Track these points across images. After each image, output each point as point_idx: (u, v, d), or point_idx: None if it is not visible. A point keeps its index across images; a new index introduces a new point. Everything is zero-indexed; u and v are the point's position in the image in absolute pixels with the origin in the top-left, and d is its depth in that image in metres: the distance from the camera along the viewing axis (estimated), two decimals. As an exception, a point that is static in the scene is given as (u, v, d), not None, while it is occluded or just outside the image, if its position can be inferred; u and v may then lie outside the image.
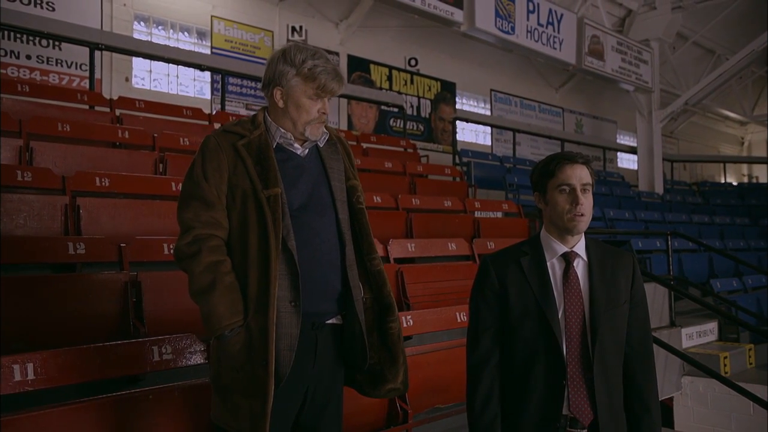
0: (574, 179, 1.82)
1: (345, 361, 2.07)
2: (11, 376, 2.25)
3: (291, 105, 1.96)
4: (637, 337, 1.86)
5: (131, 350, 2.56)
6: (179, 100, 8.44)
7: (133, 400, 2.37)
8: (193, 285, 1.88)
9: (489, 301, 1.89)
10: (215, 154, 1.93)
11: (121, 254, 3.36)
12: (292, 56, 1.95)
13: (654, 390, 1.87)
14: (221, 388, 1.91)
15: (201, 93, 9.36)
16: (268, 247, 1.84)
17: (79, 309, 3.03)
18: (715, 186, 16.95)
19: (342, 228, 2.01)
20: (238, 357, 1.85)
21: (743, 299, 6.70)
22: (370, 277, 2.08)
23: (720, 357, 5.31)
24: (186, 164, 5.31)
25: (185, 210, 1.92)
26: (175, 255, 1.94)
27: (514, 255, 1.91)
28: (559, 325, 1.79)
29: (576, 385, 1.78)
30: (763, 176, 22.01)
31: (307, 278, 1.90)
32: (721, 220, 11.64)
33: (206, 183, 1.91)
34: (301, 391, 1.95)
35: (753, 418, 4.77)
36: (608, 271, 1.85)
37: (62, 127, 4.64)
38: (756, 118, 19.43)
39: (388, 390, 2.09)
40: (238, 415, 1.86)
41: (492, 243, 5.65)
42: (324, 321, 1.98)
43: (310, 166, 2.02)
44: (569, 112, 16.21)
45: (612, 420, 1.79)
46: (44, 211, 3.71)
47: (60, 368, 2.36)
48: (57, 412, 2.21)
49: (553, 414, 1.78)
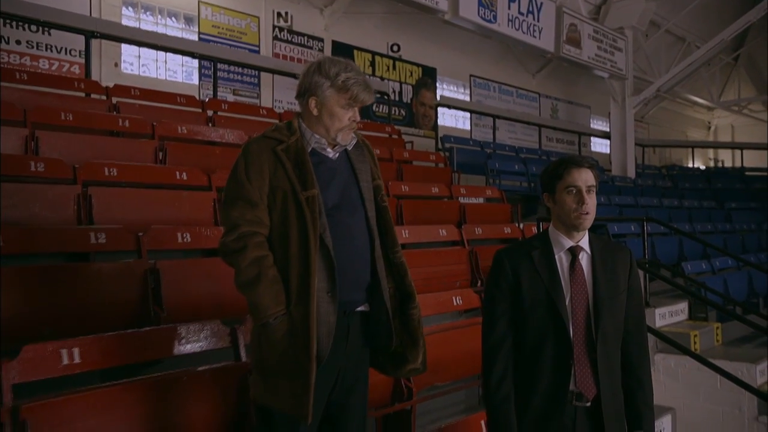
0: (580, 181, 2.05)
1: (371, 344, 2.30)
2: (60, 361, 2.43)
3: (325, 113, 2.16)
4: (633, 321, 2.11)
5: (165, 335, 2.75)
6: (168, 85, 8.49)
7: (169, 381, 2.55)
8: (240, 278, 2.07)
9: (503, 290, 2.12)
10: (257, 158, 2.12)
11: (139, 243, 3.52)
12: (327, 69, 2.14)
13: (647, 368, 2.13)
14: (263, 370, 2.11)
15: (189, 78, 9.40)
16: (308, 244, 2.04)
17: (102, 296, 3.20)
18: (684, 170, 17.52)
19: (371, 225, 2.22)
20: (281, 342, 2.05)
21: (711, 280, 7.10)
22: (392, 268, 2.29)
23: (690, 335, 5.64)
24: (185, 153, 5.46)
25: (231, 209, 2.10)
26: (221, 250, 2.13)
27: (526, 249, 2.15)
28: (566, 311, 2.03)
29: (581, 364, 2.02)
30: (728, 160, 22.74)
31: (342, 271, 2.10)
32: (690, 204, 12.09)
33: (250, 184, 2.10)
34: (335, 372, 2.17)
35: (719, 391, 5.12)
36: (609, 263, 2.10)
37: (65, 116, 4.73)
38: (723, 104, 20.03)
39: (409, 370, 2.32)
40: (279, 395, 2.06)
41: (479, 229, 5.91)
42: (354, 309, 2.20)
43: (341, 168, 2.23)
44: (545, 98, 16.54)
45: (612, 395, 2.04)
46: (57, 200, 3.84)
47: (103, 352, 2.55)
48: (103, 392, 2.39)
49: (561, 389, 2.02)
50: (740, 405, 4.99)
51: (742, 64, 21.57)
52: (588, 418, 2.03)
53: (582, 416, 2.03)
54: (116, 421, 2.36)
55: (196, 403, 2.60)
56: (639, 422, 2.09)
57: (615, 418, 2.04)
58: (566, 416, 2.02)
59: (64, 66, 7.75)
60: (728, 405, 5.05)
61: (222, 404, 2.69)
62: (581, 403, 2.02)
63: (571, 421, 2.03)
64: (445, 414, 3.87)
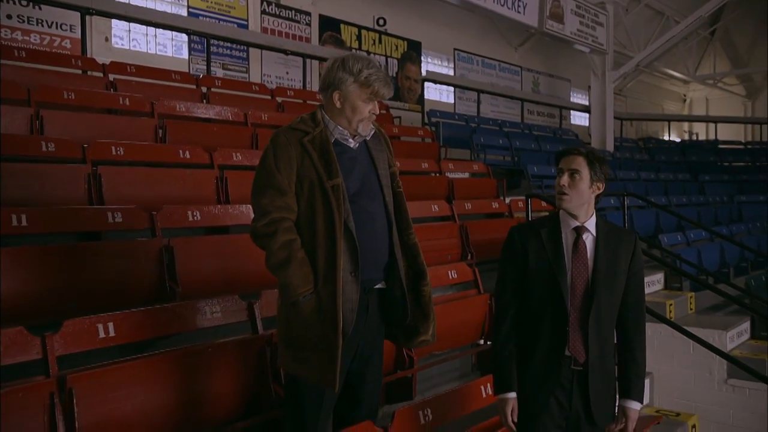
0: (563, 164, 2.30)
1: (386, 318, 2.51)
2: (97, 334, 2.61)
3: (347, 106, 2.33)
4: (632, 301, 2.34)
5: (189, 309, 2.95)
6: (158, 60, 8.47)
7: (197, 352, 2.76)
8: (271, 259, 2.26)
9: (513, 263, 2.36)
10: (285, 148, 2.30)
11: (153, 222, 3.67)
12: (351, 65, 2.30)
13: (641, 344, 2.36)
14: (291, 344, 2.31)
15: (179, 53, 9.36)
16: (334, 229, 2.24)
17: (121, 272, 3.36)
18: (660, 143, 17.91)
19: (388, 209, 2.42)
20: (309, 318, 2.25)
21: (686, 252, 7.45)
22: (407, 248, 2.50)
23: (666, 304, 5.96)
24: (184, 131, 5.56)
25: (262, 196, 2.28)
26: (253, 234, 2.31)
27: (536, 226, 2.39)
28: (566, 285, 2.27)
29: (575, 332, 2.27)
30: (702, 133, 23.25)
31: (363, 252, 2.30)
32: (666, 177, 12.46)
33: (279, 173, 2.28)
34: (355, 344, 2.38)
35: (692, 356, 5.45)
36: (612, 245, 2.32)
37: (68, 95, 4.80)
38: (698, 78, 20.42)
39: (420, 341, 2.54)
40: (307, 365, 2.27)
41: (469, 204, 6.14)
42: (373, 286, 2.41)
43: (361, 157, 2.41)
44: (527, 71, 16.73)
45: (600, 361, 2.28)
46: (68, 180, 3.96)
47: (134, 326, 2.74)
48: (138, 363, 2.59)
49: (557, 353, 2.28)
50: (711, 369, 5.33)
51: (718, 38, 21.93)
52: (582, 381, 2.27)
53: (577, 379, 2.28)
54: (150, 389, 2.57)
55: (219, 372, 2.82)
56: (629, 391, 2.34)
57: (602, 383, 2.29)
58: (563, 377, 2.28)
59: (56, 41, 7.71)
60: (700, 369, 5.39)
61: (243, 373, 2.90)
62: (577, 367, 2.27)
63: (568, 382, 2.28)
64: (442, 380, 4.13)
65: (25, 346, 2.39)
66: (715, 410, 5.13)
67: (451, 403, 2.94)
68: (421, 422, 2.70)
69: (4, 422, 2.14)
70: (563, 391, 2.28)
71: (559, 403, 2.29)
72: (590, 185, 2.30)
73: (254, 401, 2.92)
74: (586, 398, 2.27)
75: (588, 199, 2.32)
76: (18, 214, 3.15)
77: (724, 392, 5.24)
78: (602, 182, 2.34)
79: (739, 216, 11.25)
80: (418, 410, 2.72)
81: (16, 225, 3.13)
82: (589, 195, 2.31)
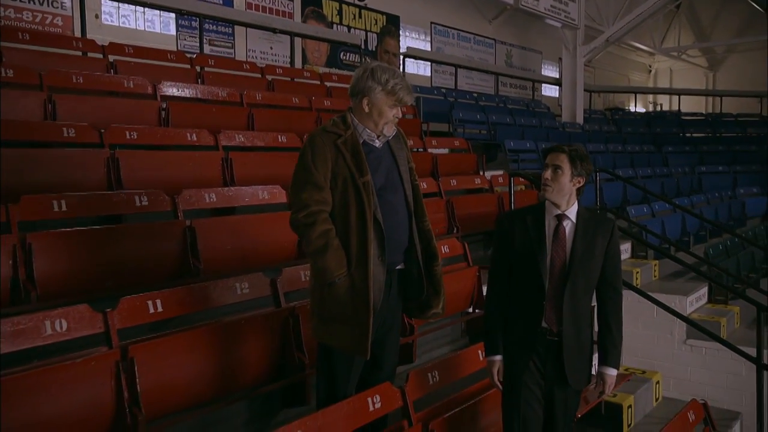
0: (549, 160, 2.66)
1: (405, 295, 2.89)
2: (147, 310, 2.95)
3: (375, 111, 2.67)
4: (609, 280, 2.69)
5: (225, 286, 3.29)
6: (147, 36, 8.53)
7: (233, 325, 3.10)
8: (310, 246, 2.60)
9: (501, 245, 2.74)
10: (321, 149, 2.63)
11: (175, 204, 3.97)
12: (379, 76, 2.63)
13: (617, 317, 2.71)
14: (325, 318, 2.66)
15: (167, 29, 9.40)
16: (365, 220, 2.59)
17: (150, 252, 3.69)
18: (626, 114, 18.53)
19: (408, 201, 2.78)
20: (343, 297, 2.61)
21: (651, 222, 7.99)
22: (422, 234, 2.86)
23: (633, 272, 6.45)
24: (186, 112, 5.78)
25: (302, 191, 2.61)
26: (293, 225, 2.65)
27: (522, 213, 2.75)
28: (545, 265, 2.61)
29: (550, 307, 2.62)
30: (666, 103, 24.02)
31: (388, 239, 2.67)
32: (632, 149, 13.01)
33: (316, 171, 2.61)
34: (381, 318, 2.75)
35: (656, 320, 5.98)
36: (590, 231, 2.66)
37: (76, 79, 4.97)
38: (664, 50, 21.03)
39: (432, 314, 2.92)
40: (340, 337, 2.63)
41: (454, 180, 6.53)
42: (395, 268, 2.78)
43: (385, 155, 2.76)
44: (501, 43, 17.06)
45: (574, 333, 2.62)
46: (88, 164, 4.20)
47: (178, 302, 3.08)
48: (185, 335, 2.93)
49: (534, 323, 2.63)
50: (672, 330, 5.88)
51: (683, 11, 22.52)
52: (556, 350, 2.64)
53: (552, 348, 2.64)
54: (194, 357, 2.91)
55: (250, 342, 3.16)
56: (606, 359, 2.73)
57: (576, 351, 2.65)
58: (539, 345, 2.65)
59: (48, 18, 7.72)
60: (662, 330, 5.93)
61: (270, 342, 3.26)
62: (552, 337, 2.64)
63: (544, 349, 2.65)
64: (436, 345, 4.57)
65: (91, 321, 2.71)
66: (675, 368, 5.70)
67: (454, 366, 3.36)
68: (429, 382, 3.13)
69: (80, 386, 2.48)
70: (539, 357, 2.65)
71: (537, 366, 2.66)
72: (571, 179, 2.63)
73: (279, 367, 3.29)
74: (560, 364, 2.63)
75: (569, 191, 2.65)
76: (58, 200, 3.42)
77: (684, 351, 5.80)
78: (583, 177, 2.66)
79: (699, 186, 11.87)
80: (427, 372, 3.13)
81: (57, 210, 3.40)
82: (570, 188, 2.64)
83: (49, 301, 3.08)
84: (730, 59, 24.36)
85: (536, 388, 2.66)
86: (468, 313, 4.75)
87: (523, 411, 2.64)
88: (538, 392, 2.66)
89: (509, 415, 2.69)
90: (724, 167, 13.23)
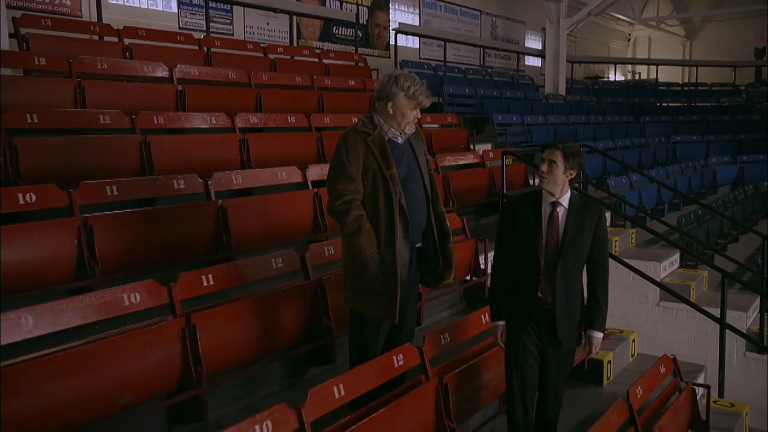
0: (545, 155, 3.09)
1: (422, 268, 3.38)
2: (202, 283, 3.40)
3: (398, 113, 3.11)
4: (596, 256, 3.15)
5: (262, 261, 3.75)
6: (151, 14, 8.69)
7: (271, 296, 3.57)
8: (345, 229, 3.06)
9: (505, 227, 3.21)
10: (354, 146, 3.07)
11: (207, 187, 4.38)
12: (402, 83, 3.07)
13: (603, 287, 3.17)
14: (358, 289, 3.12)
15: (168, 6, 9.57)
16: (392, 206, 3.06)
17: (189, 230, 4.11)
18: (606, 84, 19.00)
19: (426, 188, 3.25)
20: (374, 272, 3.08)
21: (629, 193, 8.51)
22: (436, 215, 3.34)
23: (612, 240, 6.92)
24: (200, 95, 6.10)
25: (337, 183, 3.06)
26: (330, 211, 3.11)
27: (523, 200, 3.19)
28: (540, 245, 3.07)
29: (544, 280, 3.08)
30: (644, 72, 24.53)
31: (412, 222, 3.15)
32: (612, 119, 13.50)
33: (350, 165, 3.06)
34: (404, 288, 3.24)
35: (632, 284, 6.48)
36: (580, 215, 3.11)
37: (101, 65, 5.28)
38: (643, 21, 21.43)
39: (445, 284, 3.43)
40: (373, 305, 3.11)
41: (450, 158, 6.98)
42: (415, 246, 3.27)
43: (406, 150, 3.21)
44: (486, 14, 17.32)
45: (565, 302, 3.07)
46: (123, 149, 4.58)
47: (226, 277, 3.53)
48: (234, 305, 3.38)
49: (531, 294, 3.10)
50: (647, 294, 6.39)
51: (663, -20, 22.86)
52: (550, 316, 3.12)
53: (546, 315, 3.12)
54: (242, 323, 3.37)
55: (286, 310, 3.62)
56: (593, 323, 3.18)
57: (566, 317, 3.11)
58: (535, 312, 3.12)
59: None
60: (638, 294, 6.44)
61: (302, 310, 3.73)
62: (546, 305, 3.12)
63: (539, 315, 3.13)
64: (438, 309, 5.06)
65: (158, 294, 3.16)
66: (649, 327, 6.24)
67: (461, 329, 3.86)
68: (442, 343, 3.63)
69: (156, 348, 2.94)
70: (535, 322, 3.13)
71: (534, 330, 3.15)
72: (564, 172, 3.07)
73: (309, 331, 3.76)
74: (553, 327, 3.11)
75: (563, 181, 3.08)
76: (111, 186, 3.83)
77: (657, 313, 6.34)
78: (575, 170, 3.09)
79: (675, 156, 12.43)
80: (440, 334, 3.63)
81: (110, 194, 3.81)
82: (563, 179, 3.08)
83: (108, 275, 3.52)
84: (706, 28, 24.89)
85: (533, 348, 3.14)
86: (466, 281, 5.24)
87: (521, 366, 3.15)
88: (534, 351, 3.15)
89: (510, 370, 3.20)
90: (697, 137, 13.76)
